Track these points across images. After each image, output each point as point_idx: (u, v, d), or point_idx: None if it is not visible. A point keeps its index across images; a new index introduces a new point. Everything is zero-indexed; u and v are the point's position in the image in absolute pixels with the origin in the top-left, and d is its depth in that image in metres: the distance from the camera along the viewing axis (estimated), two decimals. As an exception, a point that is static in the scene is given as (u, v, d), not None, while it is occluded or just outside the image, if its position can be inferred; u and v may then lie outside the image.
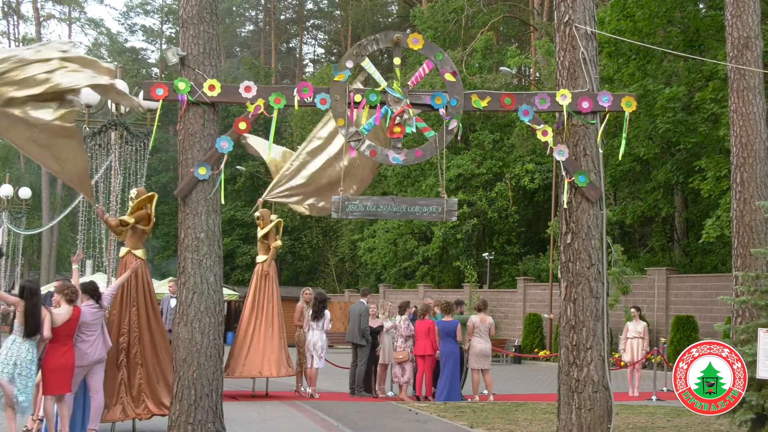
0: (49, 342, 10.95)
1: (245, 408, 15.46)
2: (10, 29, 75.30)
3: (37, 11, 67.89)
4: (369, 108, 11.64)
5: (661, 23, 29.64)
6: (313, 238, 53.21)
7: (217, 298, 11.37)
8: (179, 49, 11.55)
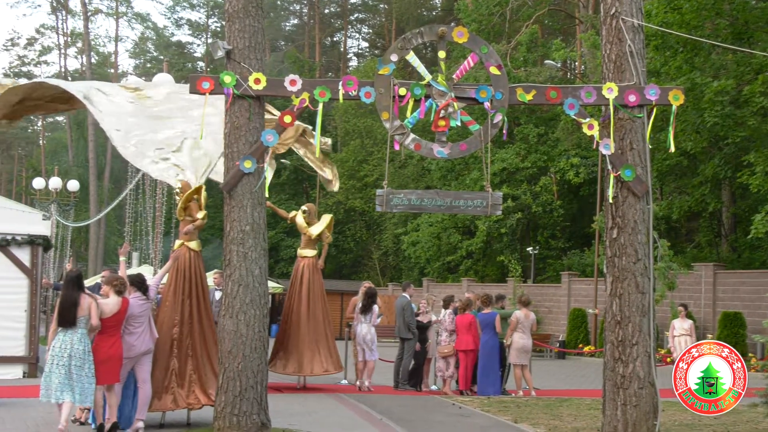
0: (98, 333, 11.08)
1: (289, 400, 15.52)
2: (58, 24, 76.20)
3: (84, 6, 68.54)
4: (414, 101, 11.63)
5: (709, 15, 29.28)
6: (357, 231, 53.31)
7: (263, 290, 11.44)
8: (225, 43, 11.61)
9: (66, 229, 39.32)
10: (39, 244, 18.69)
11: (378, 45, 72.88)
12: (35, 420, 12.50)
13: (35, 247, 18.61)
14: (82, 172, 57.18)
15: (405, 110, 11.65)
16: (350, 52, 78.42)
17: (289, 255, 48.54)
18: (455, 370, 18.26)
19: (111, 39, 78.02)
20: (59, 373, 10.80)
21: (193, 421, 12.48)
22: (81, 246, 61.74)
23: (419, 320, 18.59)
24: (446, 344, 18.25)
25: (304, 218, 18.16)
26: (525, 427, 13.13)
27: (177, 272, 12.40)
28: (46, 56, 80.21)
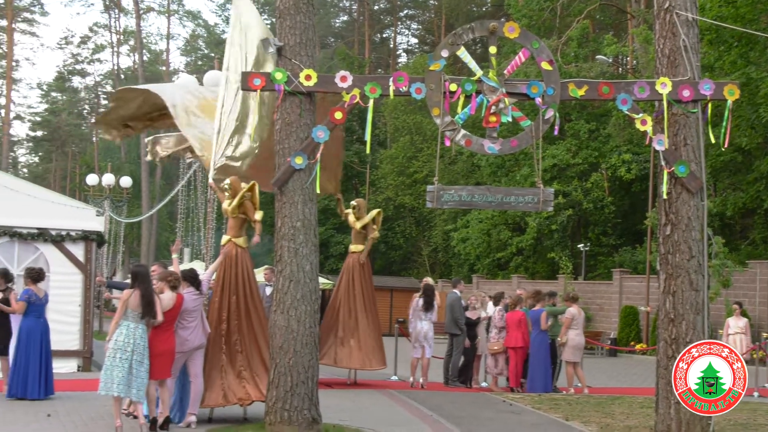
0: (153, 328, 11.18)
1: (339, 396, 15.57)
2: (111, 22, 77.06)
3: (137, 4, 69.23)
4: (464, 97, 11.59)
5: (764, 9, 28.85)
6: (407, 228, 53.27)
7: (313, 286, 11.47)
8: (276, 40, 11.67)
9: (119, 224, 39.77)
10: (93, 240, 18.92)
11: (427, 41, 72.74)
12: (90, 413, 12.67)
13: (89, 242, 18.85)
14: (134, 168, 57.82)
15: (456, 106, 11.62)
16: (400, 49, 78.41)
17: (339, 251, 48.67)
18: (505, 366, 18.19)
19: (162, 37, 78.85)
20: (122, 367, 10.90)
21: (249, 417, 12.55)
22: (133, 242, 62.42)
23: (468, 317, 18.54)
24: (496, 341, 18.18)
25: (353, 214, 18.22)
26: (576, 425, 13.04)
27: (224, 269, 12.48)
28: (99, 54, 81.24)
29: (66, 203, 19.67)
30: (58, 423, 11.85)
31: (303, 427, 11.14)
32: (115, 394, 10.97)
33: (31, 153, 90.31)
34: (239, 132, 13.04)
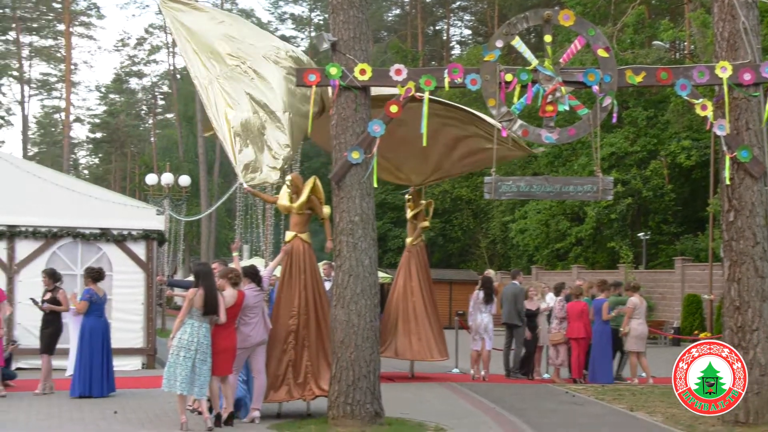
0: (215, 325, 11.28)
1: (401, 389, 15.58)
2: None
3: (191, 4, 69.77)
4: (520, 87, 11.52)
5: (827, -12, 28.22)
6: (464, 220, 53.07)
7: (373, 280, 11.49)
8: (330, 35, 11.68)
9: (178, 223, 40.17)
10: (154, 239, 19.14)
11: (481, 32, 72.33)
12: (154, 409, 12.83)
13: (150, 241, 19.07)
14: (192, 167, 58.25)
15: (511, 96, 11.56)
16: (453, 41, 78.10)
17: (396, 245, 48.60)
18: (566, 358, 18.05)
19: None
20: (185, 365, 11.02)
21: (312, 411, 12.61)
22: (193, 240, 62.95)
23: (528, 308, 18.43)
24: (557, 332, 18.05)
25: (409, 206, 18.28)
26: (641, 416, 12.91)
27: (291, 264, 12.50)
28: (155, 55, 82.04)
29: (127, 203, 19.92)
30: (125, 420, 12.02)
31: (366, 421, 11.17)
32: (178, 391, 11.09)
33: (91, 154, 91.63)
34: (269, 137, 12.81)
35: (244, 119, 12.32)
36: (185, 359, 11.04)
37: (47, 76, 79.54)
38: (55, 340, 14.69)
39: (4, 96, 78.35)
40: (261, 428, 11.49)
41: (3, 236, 18.16)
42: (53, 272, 15.09)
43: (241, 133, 12.32)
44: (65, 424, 11.69)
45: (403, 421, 11.93)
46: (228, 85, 12.56)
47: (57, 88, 79.31)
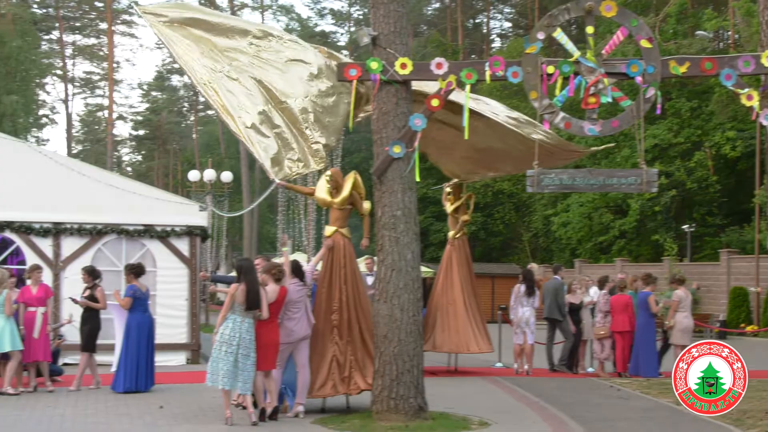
0: (258, 320, 11.32)
1: (444, 384, 15.55)
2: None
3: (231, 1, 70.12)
4: (562, 79, 11.44)
5: None
6: (506, 213, 52.86)
7: (415, 274, 11.47)
8: (370, 29, 11.67)
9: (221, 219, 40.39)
10: (197, 235, 19.25)
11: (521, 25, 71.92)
12: (199, 404, 12.90)
13: (193, 237, 19.18)
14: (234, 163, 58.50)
15: (553, 89, 11.49)
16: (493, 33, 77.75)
17: (438, 239, 48.53)
18: (611, 351, 17.92)
19: (292, 31, 79.71)
20: (227, 360, 11.10)
21: (351, 405, 12.63)
22: (235, 235, 63.30)
23: (571, 301, 18.32)
24: (601, 326, 17.92)
25: (449, 199, 18.25)
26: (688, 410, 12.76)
27: (333, 259, 12.51)
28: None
29: (170, 199, 20.04)
30: (170, 414, 12.10)
31: (410, 416, 11.17)
32: (221, 386, 11.17)
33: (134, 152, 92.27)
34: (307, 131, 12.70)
35: (261, 110, 12.23)
36: (227, 354, 11.11)
37: (90, 74, 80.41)
38: (93, 338, 14.82)
39: (49, 95, 79.33)
40: (305, 423, 11.53)
41: (49, 233, 18.37)
42: (92, 269, 15.23)
43: (259, 126, 12.20)
44: (112, 419, 11.79)
45: (447, 415, 11.91)
46: (236, 79, 12.43)
47: (100, 86, 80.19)
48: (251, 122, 12.12)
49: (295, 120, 12.33)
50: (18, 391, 13.95)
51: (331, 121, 12.52)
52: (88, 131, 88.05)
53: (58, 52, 74.04)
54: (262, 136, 12.17)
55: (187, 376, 16.44)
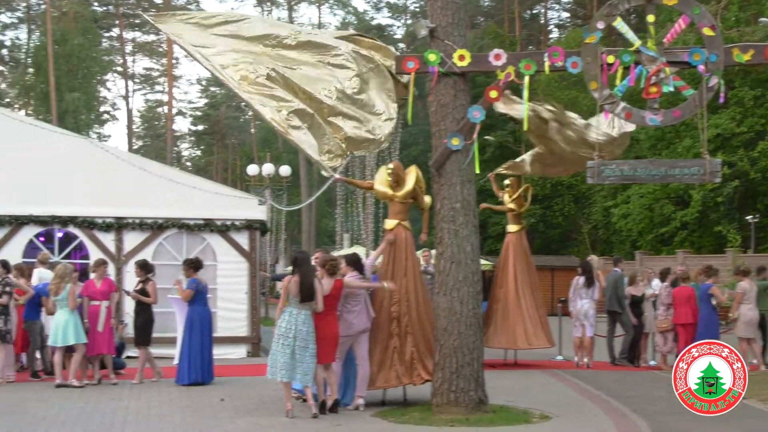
0: (316, 314, 11.36)
1: (504, 377, 15.50)
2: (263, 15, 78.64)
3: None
4: (623, 69, 11.29)
5: None
6: (565, 205, 52.47)
7: (475, 267, 11.42)
8: (428, 22, 11.64)
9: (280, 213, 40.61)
10: (256, 229, 19.40)
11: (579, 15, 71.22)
12: (261, 396, 13.00)
13: (253, 231, 19.33)
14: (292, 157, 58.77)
15: (614, 79, 11.35)
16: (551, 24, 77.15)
17: (497, 232, 48.28)
18: (674, 344, 17.69)
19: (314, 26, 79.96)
20: (284, 353, 11.19)
21: (409, 398, 12.63)
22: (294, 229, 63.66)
23: (633, 293, 18.11)
24: (663, 318, 17.70)
25: (508, 192, 18.17)
26: (753, 403, 12.59)
27: (395, 251, 12.49)
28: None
29: (229, 194, 20.23)
30: (231, 407, 12.21)
31: (470, 409, 11.14)
32: (279, 378, 11.25)
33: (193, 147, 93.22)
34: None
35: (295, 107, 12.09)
36: (284, 347, 11.19)
37: (150, 70, 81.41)
38: (147, 331, 14.98)
39: (110, 91, 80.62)
40: (365, 416, 11.56)
41: (111, 228, 18.65)
42: (145, 263, 15.41)
43: (299, 120, 11.97)
44: (175, 412, 11.93)
45: (507, 408, 11.87)
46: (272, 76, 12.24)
47: (159, 82, 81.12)
48: (291, 119, 12.02)
49: (321, 109, 12.13)
50: (83, 383, 14.20)
51: (358, 108, 12.31)
52: (148, 127, 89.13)
53: (118, 49, 75.10)
54: (304, 131, 12.09)
55: (248, 369, 16.58)
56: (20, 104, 67.23)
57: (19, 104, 67.07)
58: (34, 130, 19.20)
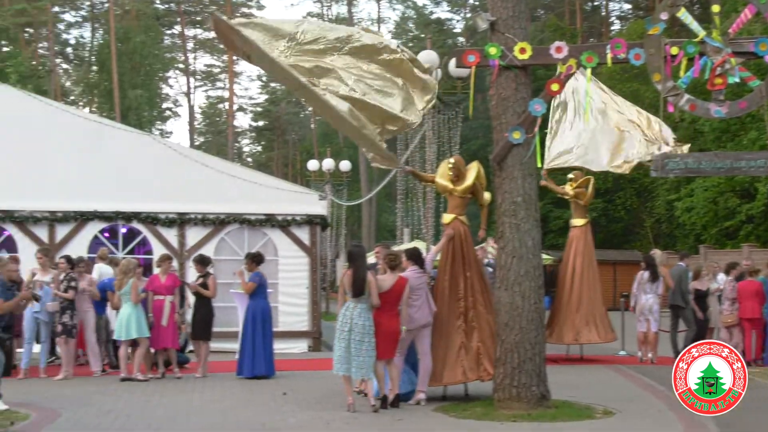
0: (376, 309, 11.37)
1: (567, 372, 15.38)
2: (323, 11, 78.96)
3: (349, -8, 70.62)
4: (687, 60, 11.12)
5: None
6: (627, 199, 51.91)
7: (537, 262, 11.34)
8: (488, 15, 11.56)
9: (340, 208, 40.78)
10: (317, 224, 19.50)
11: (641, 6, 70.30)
12: (322, 391, 13.05)
13: (313, 226, 19.44)
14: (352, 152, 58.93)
15: (678, 70, 11.19)
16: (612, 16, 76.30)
17: (558, 226, 47.97)
18: (741, 339, 17.39)
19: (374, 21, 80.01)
20: (340, 346, 11.25)
21: (471, 393, 12.59)
22: (354, 224, 63.86)
23: (698, 288, 17.85)
24: (729, 313, 17.41)
25: (570, 184, 18.03)
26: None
27: (455, 246, 12.47)
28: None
29: (290, 189, 20.35)
30: (294, 401, 12.28)
31: (532, 404, 11.07)
32: (334, 372, 11.29)
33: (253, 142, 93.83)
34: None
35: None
36: (340, 340, 11.26)
37: (211, 67, 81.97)
38: (206, 325, 15.12)
39: (172, 88, 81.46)
40: (426, 410, 11.54)
41: (174, 223, 18.88)
42: (202, 258, 15.58)
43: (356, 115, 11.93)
44: (237, 405, 12.04)
45: (570, 404, 11.76)
46: None
47: (220, 78, 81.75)
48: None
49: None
50: (147, 377, 14.39)
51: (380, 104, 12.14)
52: (210, 123, 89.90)
53: (179, 46, 75.85)
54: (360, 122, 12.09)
55: (309, 363, 16.67)
56: (84, 102, 68.40)
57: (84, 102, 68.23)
58: (98, 127, 19.50)
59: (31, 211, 18.52)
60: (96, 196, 18.60)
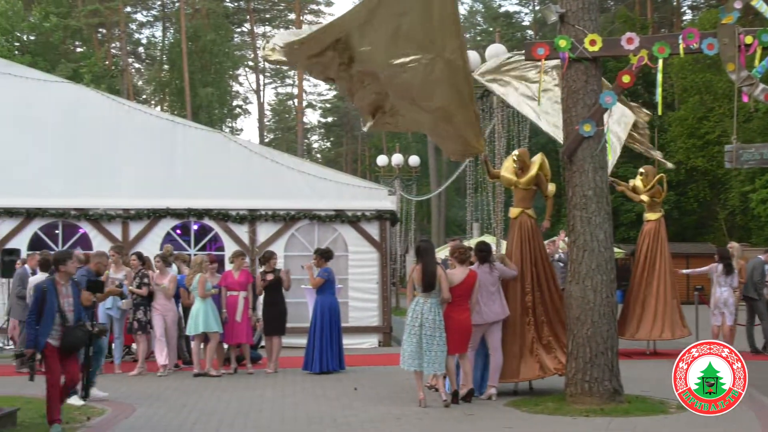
0: (447, 304, 11.35)
1: (640, 367, 15.20)
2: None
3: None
4: (762, 50, 10.91)
5: None
6: (700, 191, 51.13)
7: (608, 255, 11.22)
8: (558, 7, 11.46)
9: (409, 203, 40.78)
10: (386, 219, 19.52)
11: (714, -5, 69.28)
12: (393, 386, 13.09)
13: (383, 221, 19.47)
14: (421, 147, 58.94)
15: (752, 59, 10.98)
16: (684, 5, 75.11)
17: (629, 219, 47.42)
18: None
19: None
20: (410, 342, 11.25)
21: (536, 388, 12.53)
22: (423, 219, 63.84)
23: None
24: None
25: (642, 180, 17.82)
26: None
27: (522, 241, 12.43)
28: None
29: (360, 184, 20.40)
30: (364, 396, 12.33)
31: (604, 399, 10.97)
32: (405, 367, 11.30)
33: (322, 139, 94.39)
34: None
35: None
36: (410, 336, 11.26)
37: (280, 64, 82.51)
38: (279, 321, 15.21)
39: (242, 86, 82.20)
40: (498, 405, 11.50)
41: (245, 220, 19.07)
42: (271, 254, 15.67)
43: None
44: (309, 400, 12.13)
45: (643, 398, 11.63)
46: None
47: (290, 75, 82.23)
48: None
49: None
50: (219, 372, 14.56)
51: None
52: (279, 120, 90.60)
53: (249, 43, 76.49)
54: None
55: (379, 358, 16.71)
56: (156, 100, 69.41)
57: (155, 100, 69.24)
58: (170, 125, 19.77)
59: (105, 209, 18.88)
60: (168, 193, 18.90)
